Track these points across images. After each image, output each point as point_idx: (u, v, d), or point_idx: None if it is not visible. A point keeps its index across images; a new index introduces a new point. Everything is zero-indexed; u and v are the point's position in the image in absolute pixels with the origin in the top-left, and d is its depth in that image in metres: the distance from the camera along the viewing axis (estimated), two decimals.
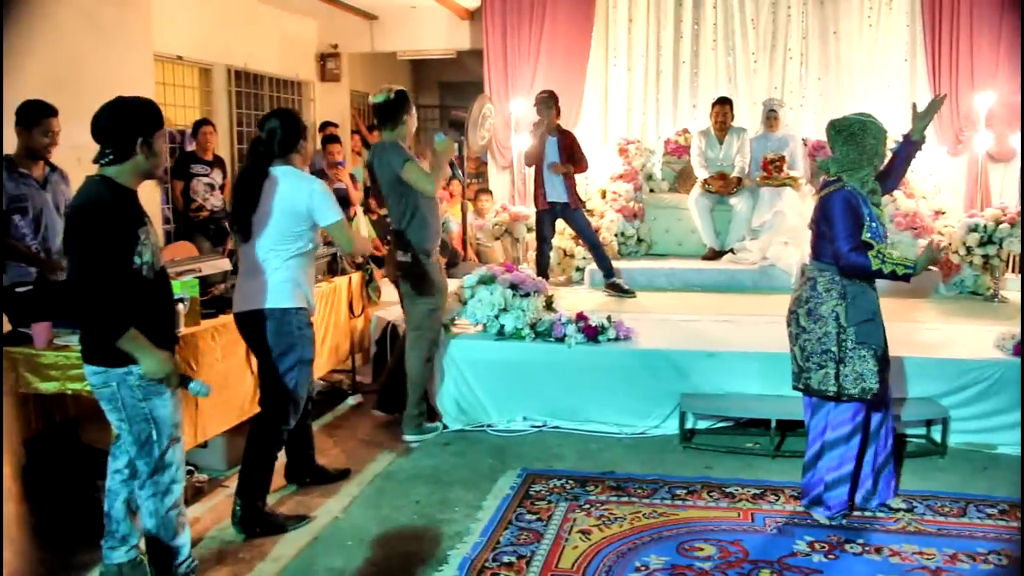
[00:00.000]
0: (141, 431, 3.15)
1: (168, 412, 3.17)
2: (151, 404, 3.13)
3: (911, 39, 8.70)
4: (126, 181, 3.10)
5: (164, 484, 3.21)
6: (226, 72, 8.86)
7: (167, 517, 3.24)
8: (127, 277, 3.01)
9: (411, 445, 5.04)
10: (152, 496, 3.21)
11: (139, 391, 3.11)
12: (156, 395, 3.14)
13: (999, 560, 3.63)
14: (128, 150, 3.06)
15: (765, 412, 4.96)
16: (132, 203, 3.09)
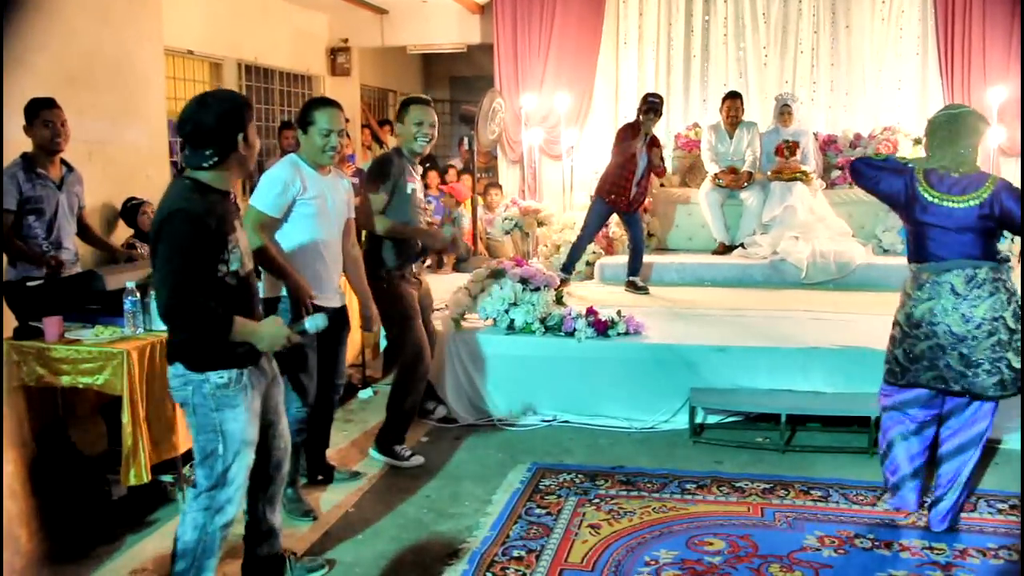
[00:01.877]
0: (208, 442, 2.98)
1: (240, 427, 2.98)
2: (222, 416, 2.96)
3: (923, 33, 8.67)
4: (222, 184, 2.95)
5: (220, 502, 3.01)
6: (237, 66, 8.87)
7: (212, 536, 3.03)
8: (216, 288, 2.89)
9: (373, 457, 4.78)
10: (204, 510, 3.01)
11: (212, 400, 2.95)
12: (229, 407, 2.96)
13: (1009, 555, 3.62)
14: (230, 148, 2.90)
15: (775, 407, 4.95)
16: (223, 208, 2.93)
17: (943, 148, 3.75)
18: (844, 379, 5.08)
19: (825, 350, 5.17)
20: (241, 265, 3.01)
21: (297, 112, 4.14)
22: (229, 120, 2.89)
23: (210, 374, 2.94)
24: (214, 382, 2.94)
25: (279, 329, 3.01)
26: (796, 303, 6.42)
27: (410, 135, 4.55)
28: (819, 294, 6.83)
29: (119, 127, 6.10)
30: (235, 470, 3.01)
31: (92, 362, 3.76)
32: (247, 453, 3.03)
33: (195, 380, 2.95)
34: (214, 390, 2.95)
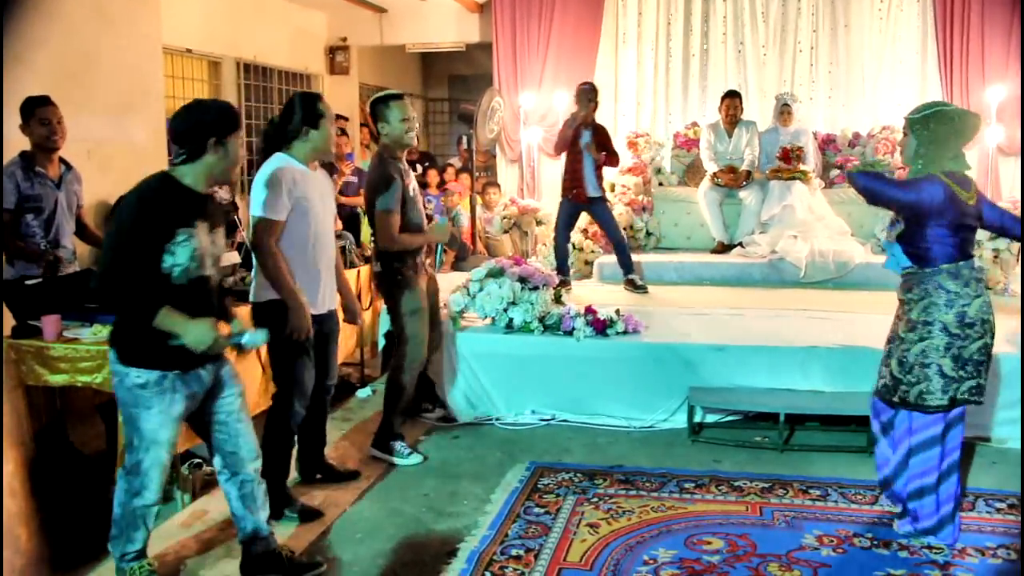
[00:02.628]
0: (128, 432, 3.14)
1: (152, 427, 3.08)
2: (136, 412, 3.08)
3: (922, 32, 8.69)
4: (192, 181, 3.06)
5: (135, 487, 3.17)
6: (235, 65, 8.86)
7: (132, 513, 3.20)
8: (153, 275, 2.96)
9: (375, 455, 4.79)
10: (125, 490, 3.19)
11: (129, 396, 3.08)
12: (144, 407, 3.07)
13: (1008, 554, 3.62)
14: (199, 150, 3.04)
15: (774, 406, 4.96)
16: (184, 202, 3.04)
17: (947, 146, 3.63)
18: (843, 378, 5.08)
19: (824, 349, 5.17)
20: (197, 266, 3.05)
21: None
22: (200, 124, 3.04)
23: (130, 370, 3.04)
24: (133, 379, 3.04)
25: (208, 331, 3.02)
26: (795, 302, 6.42)
27: (400, 131, 4.52)
28: (818, 293, 6.83)
29: (118, 125, 6.09)
30: (147, 464, 3.14)
31: (90, 360, 3.76)
32: (159, 451, 3.14)
33: (119, 372, 3.07)
34: (132, 387, 3.05)
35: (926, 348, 3.59)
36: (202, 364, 3.15)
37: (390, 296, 4.67)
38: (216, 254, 3.18)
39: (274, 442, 3.99)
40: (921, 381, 3.61)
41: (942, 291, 3.57)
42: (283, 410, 3.99)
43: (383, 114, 4.53)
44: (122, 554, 3.26)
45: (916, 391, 3.63)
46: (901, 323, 3.70)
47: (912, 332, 3.62)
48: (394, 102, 4.53)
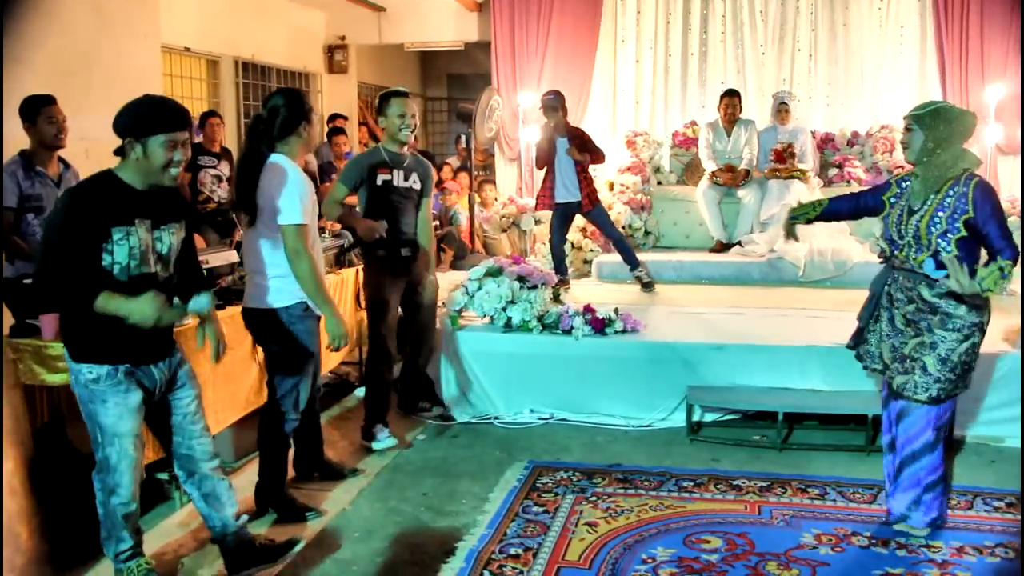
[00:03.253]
0: (91, 430, 3.14)
1: (111, 421, 3.09)
2: (94, 408, 3.09)
3: (921, 31, 8.70)
4: (130, 179, 3.04)
5: (109, 485, 3.16)
6: (233, 64, 8.87)
7: (112, 512, 3.19)
8: (92, 272, 2.95)
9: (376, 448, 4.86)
10: (100, 490, 3.19)
11: (85, 392, 3.08)
12: (100, 402, 3.07)
13: (1006, 553, 3.62)
14: (122, 149, 3.04)
15: (772, 405, 4.96)
16: (120, 200, 3.00)
17: (952, 142, 3.60)
18: (841, 377, 5.08)
19: (822, 348, 5.17)
20: (138, 263, 3.03)
21: None
22: (121, 125, 3.02)
23: (82, 366, 3.06)
24: (85, 375, 3.06)
25: (151, 304, 2.96)
26: (793, 301, 6.43)
27: (395, 127, 4.70)
28: (816, 292, 6.84)
29: None
30: (114, 458, 3.13)
31: None
32: (123, 444, 3.13)
33: (72, 369, 3.09)
34: (86, 382, 3.07)
35: (971, 347, 3.64)
36: (153, 360, 3.16)
37: (364, 288, 4.89)
38: (163, 251, 3.13)
39: (269, 448, 4.01)
40: (961, 376, 3.66)
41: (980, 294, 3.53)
42: (278, 418, 3.98)
43: (382, 108, 4.74)
44: (116, 554, 3.26)
45: (954, 384, 3.66)
46: (934, 323, 3.64)
47: (957, 332, 3.60)
48: (395, 98, 4.71)
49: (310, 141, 4.03)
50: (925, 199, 3.63)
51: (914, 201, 3.67)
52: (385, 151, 4.77)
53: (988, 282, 3.43)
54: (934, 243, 3.57)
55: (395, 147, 4.77)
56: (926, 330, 3.66)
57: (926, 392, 3.64)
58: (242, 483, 4.09)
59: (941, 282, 3.56)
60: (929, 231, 3.58)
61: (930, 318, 3.65)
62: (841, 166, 8.40)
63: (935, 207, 3.59)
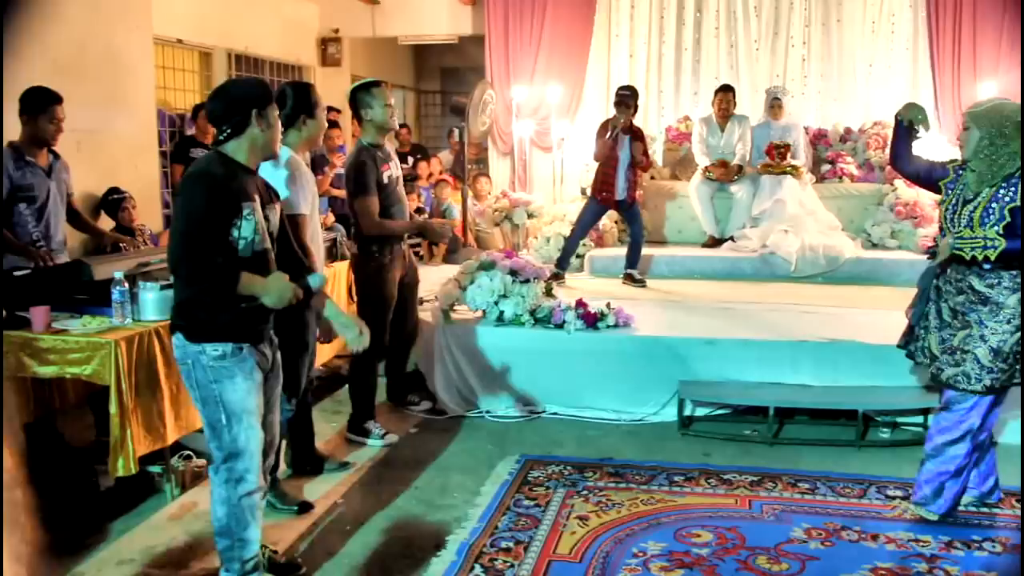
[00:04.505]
0: (211, 414, 3.04)
1: (239, 396, 3.03)
2: (221, 387, 3.02)
3: (914, 28, 8.71)
4: (243, 157, 3.07)
5: (238, 472, 3.06)
6: (226, 56, 8.83)
7: (239, 506, 3.08)
8: (226, 250, 2.96)
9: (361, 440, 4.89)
10: (225, 483, 3.07)
11: (211, 372, 3.01)
12: (228, 379, 3.01)
13: (993, 547, 3.64)
14: (243, 123, 3.04)
15: (763, 399, 4.97)
16: (242, 177, 3.06)
17: (1009, 141, 3.64)
18: (832, 372, 5.10)
19: (814, 343, 5.19)
20: (258, 238, 3.06)
21: None
22: (240, 99, 3.06)
23: (205, 346, 3.00)
24: (210, 354, 3.00)
25: (283, 284, 3.03)
26: (785, 296, 6.44)
27: (384, 117, 4.66)
28: (808, 287, 6.86)
29: (108, 116, 6.07)
30: (243, 439, 3.06)
31: (80, 352, 3.75)
32: (251, 422, 3.08)
33: (192, 352, 3.02)
34: (211, 362, 3.01)
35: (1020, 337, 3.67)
36: (265, 340, 3.17)
37: (360, 280, 4.81)
38: (271, 229, 3.18)
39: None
40: (1013, 366, 3.69)
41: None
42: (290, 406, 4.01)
43: (366, 101, 4.65)
44: (242, 564, 3.13)
45: (1008, 375, 3.69)
46: (984, 315, 3.68)
47: (1008, 323, 3.65)
48: (376, 89, 4.67)
49: (311, 136, 4.06)
50: (979, 191, 3.70)
51: (968, 192, 3.74)
52: (373, 147, 4.72)
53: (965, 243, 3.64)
54: (988, 233, 3.62)
55: (380, 139, 4.75)
56: (975, 322, 3.70)
57: (979, 383, 3.70)
58: None
59: None
60: (983, 222, 3.64)
61: (980, 308, 3.69)
62: (834, 162, 8.41)
63: (989, 199, 3.66)
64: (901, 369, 5.03)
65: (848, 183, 8.24)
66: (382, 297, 4.78)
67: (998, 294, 3.65)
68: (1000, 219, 3.61)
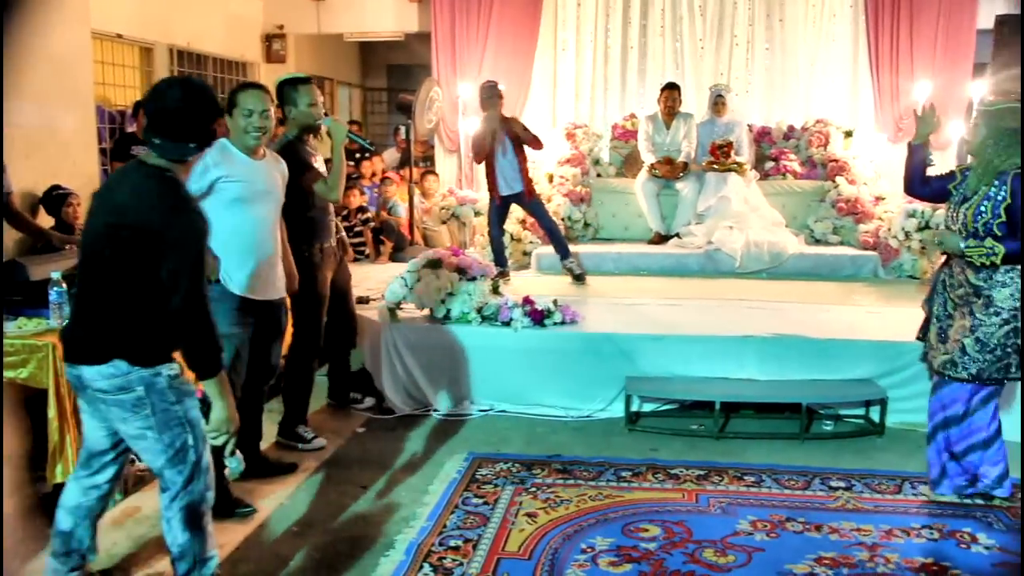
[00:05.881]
0: (175, 438, 2.83)
1: (199, 413, 2.91)
2: (185, 406, 2.84)
3: (854, 28, 8.87)
4: (178, 174, 2.82)
5: (199, 492, 2.92)
6: (168, 52, 8.68)
7: (202, 528, 2.96)
8: None
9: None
10: (186, 507, 2.91)
11: (172, 393, 2.81)
12: (188, 395, 2.86)
13: (931, 534, 3.73)
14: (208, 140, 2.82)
15: (710, 395, 5.02)
16: None
17: (1014, 140, 3.80)
18: (777, 366, 5.18)
19: (758, 338, 5.26)
20: None
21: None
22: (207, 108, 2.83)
23: (160, 367, 2.81)
24: (167, 373, 2.82)
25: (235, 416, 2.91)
26: (730, 292, 6.52)
27: (308, 116, 4.53)
28: (753, 283, 6.94)
29: (45, 113, 5.92)
30: (206, 456, 2.94)
31: (15, 355, 3.66)
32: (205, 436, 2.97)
33: (144, 377, 2.79)
34: (170, 382, 2.82)
35: (1011, 331, 3.83)
36: None
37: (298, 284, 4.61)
38: None
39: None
40: (1002, 359, 3.84)
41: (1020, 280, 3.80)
42: None
43: (291, 97, 4.53)
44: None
45: (997, 367, 3.86)
46: (976, 307, 3.86)
47: (996, 316, 3.82)
48: (302, 86, 4.53)
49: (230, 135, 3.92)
50: (976, 190, 3.86)
51: (967, 190, 3.91)
52: (301, 141, 4.58)
53: (972, 251, 3.80)
54: (980, 231, 3.80)
55: (304, 137, 4.60)
56: (968, 314, 3.89)
57: (965, 371, 3.89)
58: None
59: None
60: (975, 219, 3.81)
61: (974, 301, 3.88)
62: (777, 159, 8.53)
63: (982, 197, 3.83)
64: (844, 363, 5.15)
65: (791, 180, 8.36)
66: (315, 296, 4.68)
67: (990, 287, 3.83)
68: (994, 216, 3.78)
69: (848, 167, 8.19)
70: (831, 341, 5.23)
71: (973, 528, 3.81)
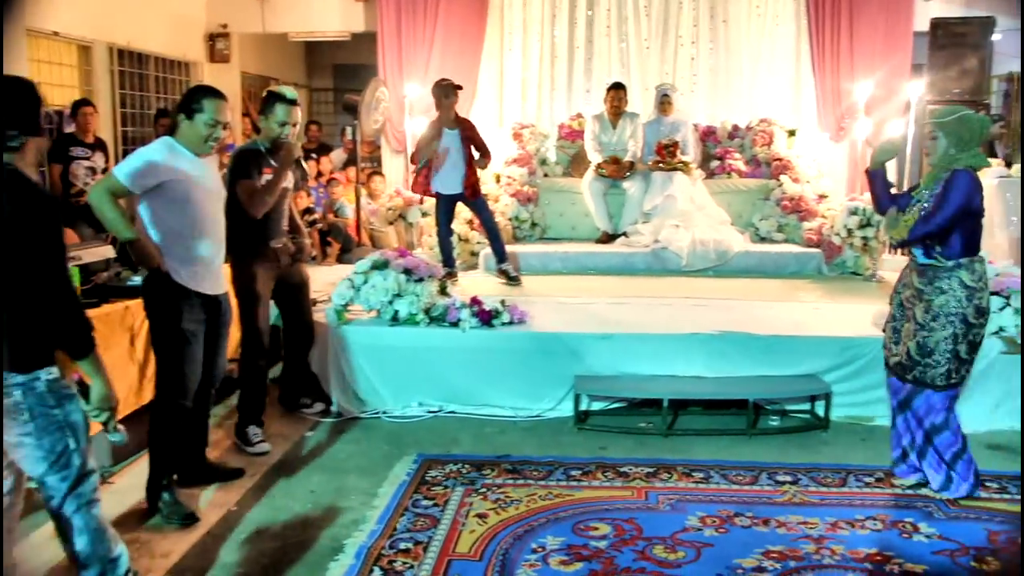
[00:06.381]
0: (55, 443, 2.74)
1: (82, 416, 2.82)
2: (66, 410, 2.75)
3: (796, 28, 9.01)
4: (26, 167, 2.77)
5: (87, 494, 2.82)
6: (107, 50, 8.51)
7: (100, 528, 2.89)
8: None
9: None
10: (78, 511, 2.82)
11: (51, 397, 2.72)
12: (70, 399, 2.76)
13: (875, 525, 3.80)
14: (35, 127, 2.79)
15: (657, 392, 5.06)
16: None
17: (971, 145, 3.92)
18: (724, 363, 5.23)
19: (705, 335, 5.30)
20: None
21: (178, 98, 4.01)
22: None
23: (38, 372, 2.71)
24: (45, 379, 2.73)
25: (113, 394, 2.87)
26: (677, 290, 6.57)
27: (275, 133, 4.59)
28: (699, 281, 7.00)
29: None
30: (91, 461, 2.86)
31: None
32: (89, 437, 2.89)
33: (22, 382, 2.69)
34: (49, 386, 2.73)
35: (949, 336, 3.89)
36: None
37: (234, 282, 4.64)
38: None
39: (159, 443, 3.92)
40: (940, 365, 3.93)
41: (962, 286, 3.88)
42: (167, 409, 3.90)
43: (269, 109, 4.60)
44: None
45: (934, 373, 3.95)
46: (918, 310, 3.97)
47: (935, 320, 3.91)
48: (282, 104, 4.57)
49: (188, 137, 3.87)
50: (929, 188, 3.98)
51: (920, 196, 4.02)
52: (266, 149, 4.62)
53: (888, 220, 4.03)
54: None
55: (271, 146, 4.62)
56: (913, 317, 3.99)
57: (909, 373, 4.00)
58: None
59: None
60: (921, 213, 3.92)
61: (918, 304, 3.97)
62: (722, 158, 8.63)
63: (926, 200, 3.94)
64: (789, 359, 5.22)
65: (736, 179, 8.46)
66: (252, 295, 4.65)
67: (931, 293, 3.93)
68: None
69: (792, 166, 8.32)
70: (776, 338, 5.30)
71: (915, 518, 3.89)
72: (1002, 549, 3.62)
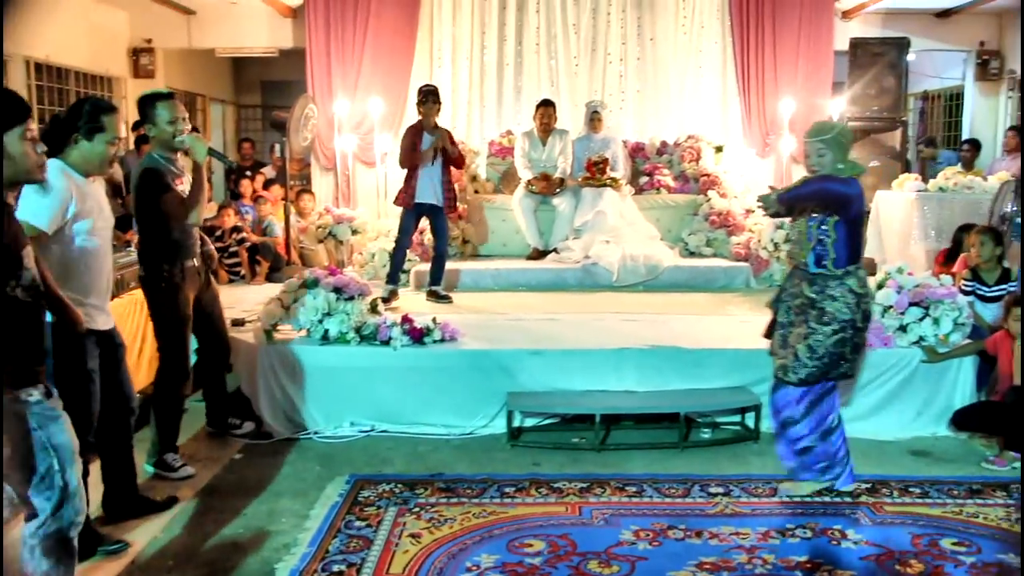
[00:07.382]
0: (39, 463, 2.71)
1: (67, 438, 2.76)
2: (51, 430, 2.72)
3: (722, 47, 9.20)
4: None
5: (69, 516, 2.79)
6: (24, 64, 8.28)
7: (72, 549, 2.83)
8: None
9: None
10: (54, 533, 2.77)
11: (34, 419, 2.69)
12: (53, 420, 2.73)
13: (805, 533, 3.86)
14: None
15: (590, 407, 5.07)
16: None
17: (849, 154, 4.13)
18: (655, 377, 5.27)
19: (636, 350, 5.35)
20: (33, 277, 2.76)
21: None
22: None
23: (19, 392, 2.67)
24: (25, 399, 2.68)
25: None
26: (608, 305, 6.62)
27: (168, 134, 4.34)
28: (630, 296, 7.07)
29: None
30: (74, 480, 2.79)
31: None
32: (78, 460, 2.83)
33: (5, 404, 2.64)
34: (31, 409, 2.69)
35: (838, 340, 4.06)
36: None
37: (152, 302, 4.46)
38: None
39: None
40: (829, 364, 4.10)
41: (852, 293, 4.05)
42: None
43: (151, 114, 4.34)
44: None
45: (823, 372, 4.12)
46: (811, 316, 4.10)
47: (827, 325, 4.06)
48: (161, 102, 4.34)
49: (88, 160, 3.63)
50: None
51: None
52: (165, 159, 4.37)
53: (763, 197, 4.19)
54: (813, 239, 4.07)
55: (170, 154, 4.41)
56: (804, 322, 4.12)
57: (796, 375, 4.12)
58: None
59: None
60: (808, 228, 4.11)
61: (810, 312, 4.11)
62: (651, 174, 8.75)
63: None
64: (719, 371, 5.28)
65: (665, 194, 8.58)
66: (178, 318, 4.48)
67: (823, 300, 4.08)
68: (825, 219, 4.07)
69: (719, 181, 8.47)
70: (706, 351, 5.37)
71: (843, 525, 3.96)
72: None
